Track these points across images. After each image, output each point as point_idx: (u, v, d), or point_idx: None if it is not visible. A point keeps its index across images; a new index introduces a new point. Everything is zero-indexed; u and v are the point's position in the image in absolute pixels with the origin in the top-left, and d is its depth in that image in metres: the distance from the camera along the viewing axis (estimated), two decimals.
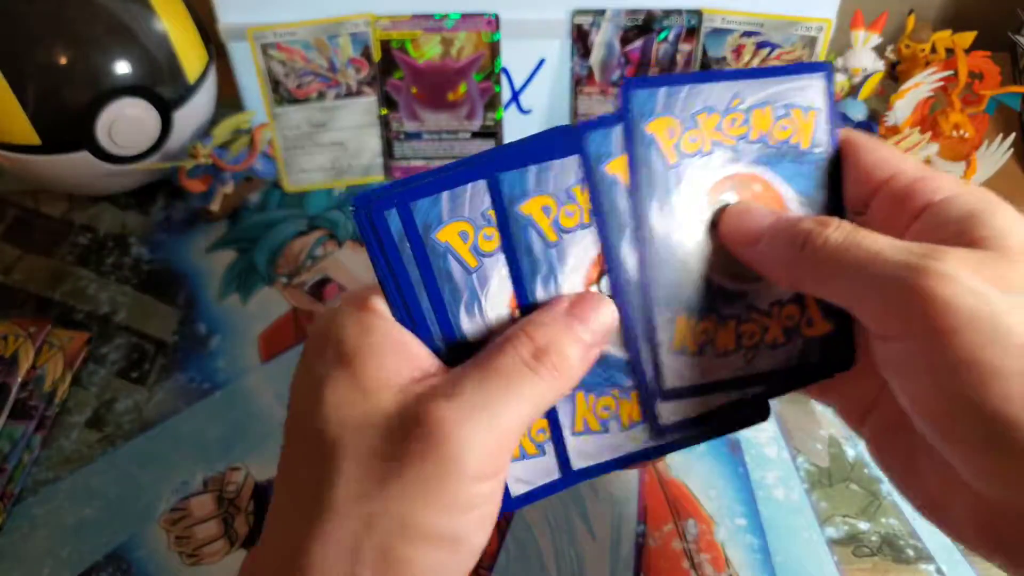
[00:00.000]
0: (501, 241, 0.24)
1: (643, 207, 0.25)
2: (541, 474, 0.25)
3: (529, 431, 0.25)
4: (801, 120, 0.26)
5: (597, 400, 0.25)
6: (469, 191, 0.24)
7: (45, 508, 0.43)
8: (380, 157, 0.60)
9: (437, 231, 0.24)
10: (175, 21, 0.54)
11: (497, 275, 0.24)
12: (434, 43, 0.56)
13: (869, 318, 0.23)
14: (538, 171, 0.24)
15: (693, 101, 0.25)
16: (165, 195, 0.60)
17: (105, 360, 0.50)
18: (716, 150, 0.26)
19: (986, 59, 0.58)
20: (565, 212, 0.25)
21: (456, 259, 0.24)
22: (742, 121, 0.26)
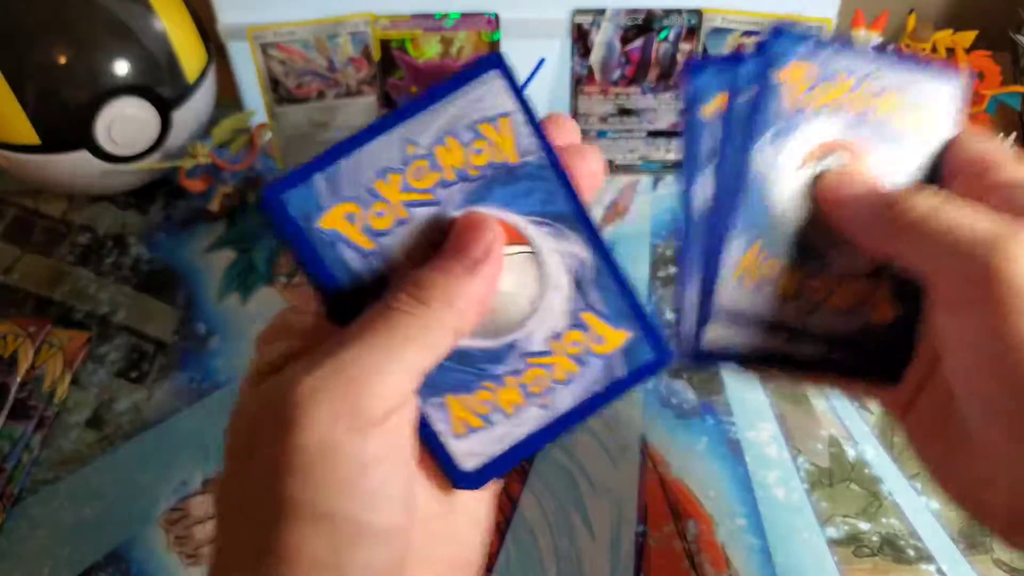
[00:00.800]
0: (306, 267, 0.22)
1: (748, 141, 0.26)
2: (491, 443, 0.23)
3: (472, 408, 0.23)
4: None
5: (471, 397, 0.23)
6: (345, 167, 0.22)
7: (45, 508, 0.43)
8: None
9: (319, 219, 0.22)
10: (174, 20, 0.54)
11: (399, 256, 0.22)
12: (434, 43, 0.56)
13: (939, 285, 0.23)
14: (325, 177, 0.22)
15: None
16: (165, 195, 0.60)
17: (104, 360, 0.50)
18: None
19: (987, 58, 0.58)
20: (375, 212, 0.22)
21: (348, 245, 0.22)
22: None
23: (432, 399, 0.23)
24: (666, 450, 0.45)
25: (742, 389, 0.47)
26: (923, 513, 0.42)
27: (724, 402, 0.47)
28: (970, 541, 0.41)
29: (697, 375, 0.48)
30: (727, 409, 0.47)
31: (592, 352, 0.24)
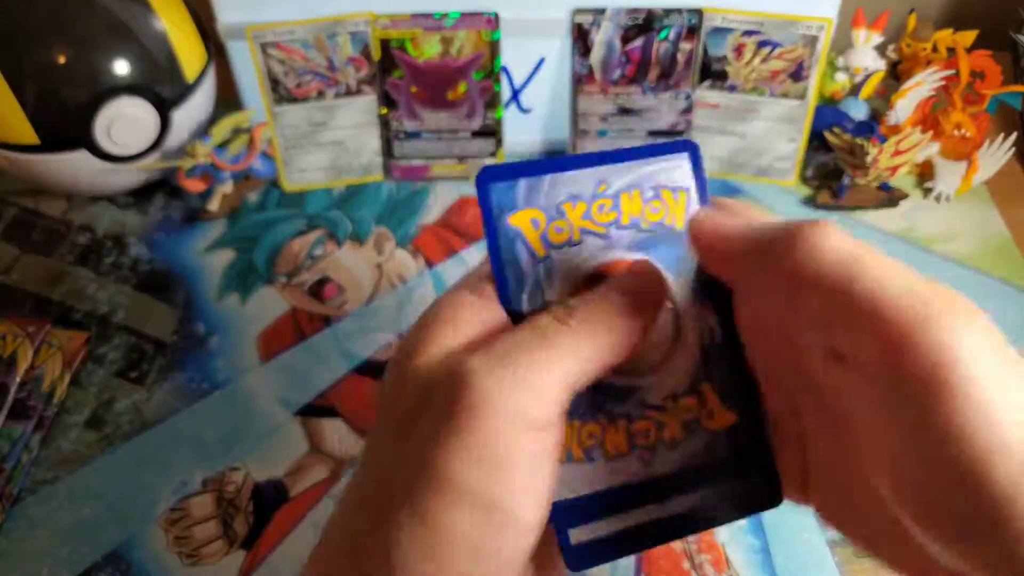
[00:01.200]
0: (492, 253, 0.24)
1: (515, 302, 0.24)
2: (586, 483, 0.24)
3: (579, 434, 0.24)
4: (671, 201, 0.25)
5: (583, 427, 0.24)
6: (547, 182, 0.25)
7: (44, 508, 0.43)
8: (379, 156, 0.60)
9: (511, 215, 0.24)
10: (174, 20, 0.54)
11: (563, 271, 0.25)
12: (434, 42, 0.56)
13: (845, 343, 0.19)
14: (528, 184, 0.24)
15: (557, 190, 0.25)
16: (164, 195, 0.60)
17: (104, 360, 0.50)
18: (587, 239, 0.25)
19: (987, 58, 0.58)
20: (555, 227, 0.25)
21: (525, 245, 0.24)
22: (611, 207, 0.25)
23: None
24: None
25: None
26: None
27: None
28: None
29: None
30: None
31: (700, 425, 0.25)
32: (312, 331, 0.51)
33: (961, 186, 0.57)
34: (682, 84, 0.57)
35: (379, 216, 0.58)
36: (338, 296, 0.53)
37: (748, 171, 0.60)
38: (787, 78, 0.56)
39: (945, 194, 0.58)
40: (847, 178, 0.57)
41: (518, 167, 0.25)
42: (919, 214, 0.57)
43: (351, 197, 0.59)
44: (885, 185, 0.58)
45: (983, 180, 0.58)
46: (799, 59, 0.55)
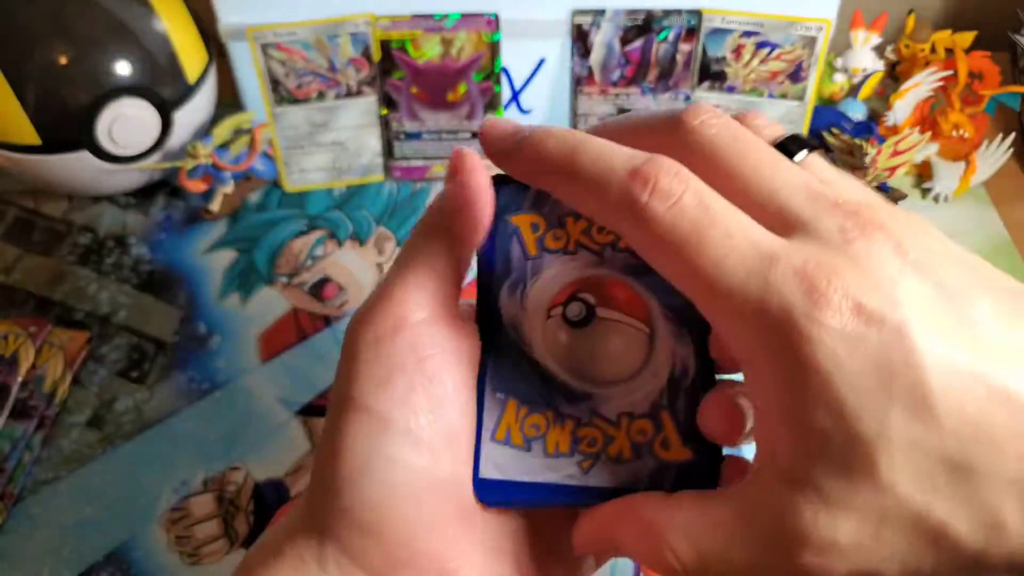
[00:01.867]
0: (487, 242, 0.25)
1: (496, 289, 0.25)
2: (517, 469, 0.24)
3: (522, 421, 0.25)
4: None
5: (529, 415, 0.25)
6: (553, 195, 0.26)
7: (45, 508, 0.43)
8: (380, 157, 0.60)
9: (513, 215, 0.26)
10: (175, 21, 0.54)
11: (550, 272, 0.25)
12: (434, 43, 0.56)
13: None
14: (537, 193, 0.25)
15: (562, 204, 0.25)
16: (165, 195, 0.60)
17: (105, 360, 0.50)
18: (581, 252, 0.26)
19: (986, 59, 0.58)
20: (553, 235, 0.26)
21: (520, 242, 0.25)
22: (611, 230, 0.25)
23: (497, 393, 0.25)
24: None
25: None
26: None
27: None
28: None
29: None
30: None
31: (652, 451, 0.24)
32: (313, 331, 0.51)
33: (959, 187, 0.58)
34: (681, 85, 0.57)
35: (380, 216, 0.58)
36: (338, 296, 0.53)
37: None
38: (786, 79, 0.56)
39: (943, 195, 0.58)
40: None
41: None
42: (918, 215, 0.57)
43: (352, 197, 0.59)
44: (884, 185, 0.58)
45: (981, 181, 0.58)
46: (798, 60, 0.55)
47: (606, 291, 0.25)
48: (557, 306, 0.25)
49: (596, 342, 0.25)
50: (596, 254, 0.26)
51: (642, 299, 0.25)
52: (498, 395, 0.25)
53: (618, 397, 0.25)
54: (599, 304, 0.25)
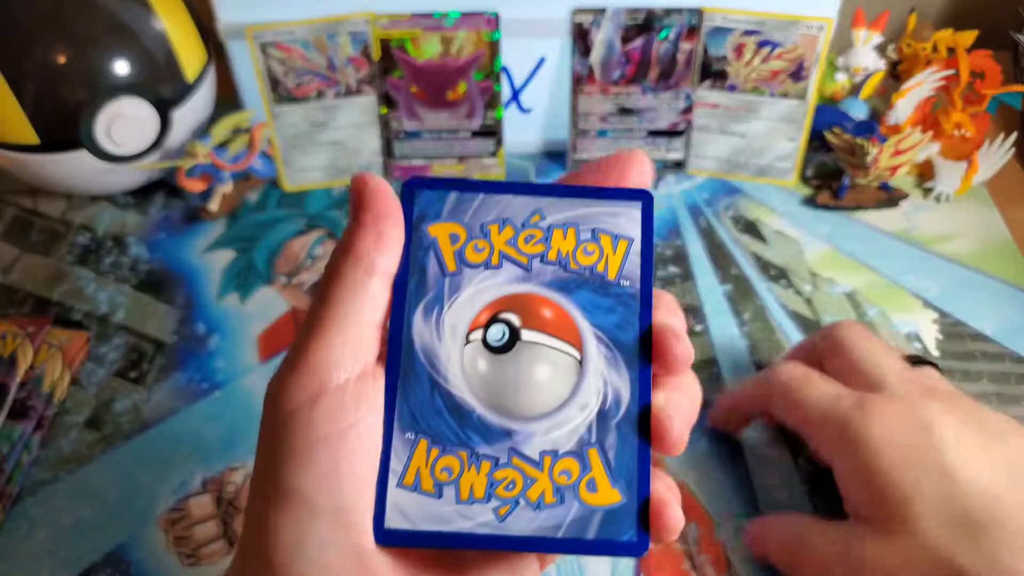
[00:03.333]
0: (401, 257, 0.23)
1: (408, 312, 0.23)
2: (426, 518, 0.22)
3: (433, 464, 0.22)
4: (609, 248, 0.24)
5: (441, 456, 0.22)
6: (478, 200, 0.24)
7: (44, 509, 0.43)
8: (379, 156, 0.60)
9: (430, 224, 0.23)
10: (174, 20, 0.54)
11: (470, 291, 0.23)
12: (434, 42, 0.56)
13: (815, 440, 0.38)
14: (457, 198, 0.24)
15: (487, 211, 0.23)
16: (164, 194, 0.60)
17: (104, 360, 0.50)
18: (506, 264, 0.23)
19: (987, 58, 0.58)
20: (475, 246, 0.23)
21: (437, 256, 0.23)
22: (540, 239, 0.23)
23: (406, 433, 0.22)
24: None
25: None
26: None
27: None
28: None
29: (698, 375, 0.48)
30: None
31: (577, 494, 0.22)
32: None
33: (961, 186, 0.57)
34: (682, 84, 0.57)
35: None
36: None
37: (748, 171, 0.60)
38: (787, 78, 0.56)
39: (945, 194, 0.58)
40: (847, 178, 0.57)
41: (452, 182, 0.24)
42: (919, 214, 0.57)
43: None
44: (885, 185, 0.58)
45: (983, 180, 0.58)
46: (799, 59, 0.55)
47: (532, 310, 0.23)
48: (476, 329, 0.23)
49: (519, 370, 0.23)
50: (523, 267, 0.23)
51: (572, 319, 0.23)
52: (407, 435, 0.22)
53: (542, 433, 0.22)
54: (524, 325, 0.23)
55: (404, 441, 0.22)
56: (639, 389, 0.23)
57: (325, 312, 0.22)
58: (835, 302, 0.52)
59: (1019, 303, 0.51)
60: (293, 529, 0.21)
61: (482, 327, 0.23)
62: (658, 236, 0.56)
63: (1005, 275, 0.53)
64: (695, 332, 0.50)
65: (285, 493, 0.21)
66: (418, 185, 0.24)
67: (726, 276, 0.54)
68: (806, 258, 0.55)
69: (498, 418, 0.23)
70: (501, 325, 0.23)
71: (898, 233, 0.56)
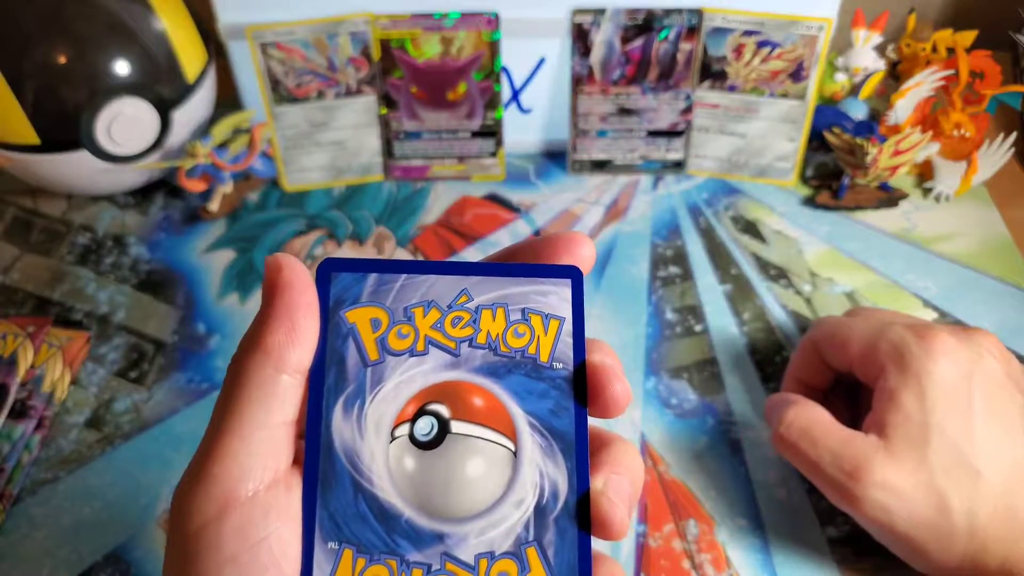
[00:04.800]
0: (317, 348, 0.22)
1: (326, 408, 0.21)
2: None
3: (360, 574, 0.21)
4: (540, 329, 0.23)
5: (368, 566, 0.21)
6: (400, 282, 0.22)
7: (44, 508, 0.43)
8: (379, 156, 0.60)
9: (348, 310, 0.22)
10: (174, 20, 0.54)
11: (395, 381, 0.22)
12: (434, 42, 0.56)
13: None
14: (378, 280, 0.22)
15: (410, 292, 0.22)
16: (164, 195, 0.60)
17: (104, 360, 0.50)
18: (432, 350, 0.22)
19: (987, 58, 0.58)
20: (398, 332, 0.22)
21: (357, 344, 0.22)
22: (468, 321, 0.22)
23: (330, 542, 0.21)
24: (666, 450, 0.45)
25: (743, 389, 0.47)
26: None
27: (724, 402, 0.47)
28: None
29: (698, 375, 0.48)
30: (727, 409, 0.46)
31: None
32: None
33: (961, 186, 0.57)
34: (682, 84, 0.57)
35: (379, 216, 0.58)
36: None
37: (748, 171, 0.60)
38: (787, 78, 0.56)
39: (945, 194, 0.58)
40: (847, 178, 0.57)
41: (371, 263, 0.22)
42: (919, 214, 0.57)
43: (351, 197, 0.59)
44: (885, 185, 0.58)
45: (983, 180, 0.58)
46: (799, 59, 0.55)
47: (462, 400, 0.22)
48: (403, 424, 0.22)
49: (450, 466, 0.21)
50: (451, 353, 0.22)
51: (505, 407, 0.22)
52: (330, 544, 0.21)
53: (476, 534, 0.21)
54: (454, 416, 0.22)
55: (327, 552, 0.21)
56: (577, 477, 0.22)
57: (230, 416, 0.20)
58: (835, 302, 0.52)
59: (1019, 303, 0.52)
60: None
61: (408, 421, 0.22)
62: (658, 236, 0.56)
63: (1004, 275, 0.53)
64: (695, 332, 0.50)
65: None
66: (335, 267, 0.22)
67: (726, 276, 0.54)
68: (806, 258, 0.55)
69: (429, 521, 0.21)
70: (429, 418, 0.22)
71: (898, 233, 0.56)
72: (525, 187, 0.60)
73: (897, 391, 0.37)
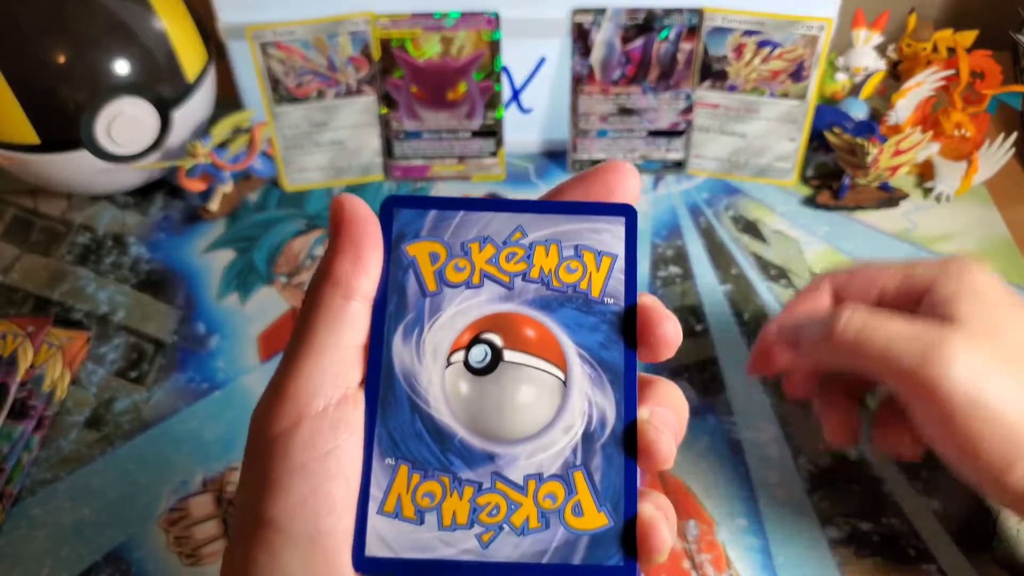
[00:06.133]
0: (381, 278, 0.23)
1: (388, 334, 0.23)
2: (408, 546, 0.21)
3: (415, 490, 0.22)
4: (592, 265, 0.23)
5: (423, 482, 0.22)
6: (458, 218, 0.23)
7: (44, 508, 0.43)
8: (379, 156, 0.60)
9: (409, 243, 0.23)
10: (174, 20, 0.54)
11: (451, 311, 0.23)
12: (434, 42, 0.56)
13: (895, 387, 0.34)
14: (436, 216, 0.23)
15: (467, 229, 0.23)
16: (164, 194, 0.60)
17: (104, 360, 0.50)
18: (487, 283, 0.23)
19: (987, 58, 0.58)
20: (455, 265, 0.23)
21: (416, 275, 0.23)
22: (522, 256, 0.23)
23: (387, 458, 0.22)
24: None
25: (743, 389, 0.47)
26: (923, 513, 0.42)
27: (725, 402, 0.47)
28: (970, 541, 0.41)
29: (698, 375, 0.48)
30: (728, 409, 0.46)
31: (563, 519, 0.22)
32: None
33: (961, 186, 0.57)
34: (682, 84, 0.57)
35: None
36: None
37: (748, 171, 0.60)
38: (787, 78, 0.56)
39: (945, 194, 0.58)
40: (847, 178, 0.57)
41: (431, 200, 0.23)
42: (919, 214, 0.57)
43: None
44: (885, 185, 0.58)
45: (983, 180, 0.58)
46: (799, 59, 0.55)
47: (515, 330, 0.23)
48: (458, 351, 0.23)
49: (502, 392, 0.23)
50: (504, 286, 0.23)
51: (556, 339, 0.23)
52: (387, 460, 0.22)
53: (525, 456, 0.22)
54: (507, 346, 0.23)
55: (384, 467, 0.22)
56: (624, 407, 0.23)
57: (305, 338, 0.22)
58: None
59: None
60: (269, 560, 0.20)
61: (464, 348, 0.23)
62: (658, 236, 0.56)
63: (1005, 275, 0.53)
64: (695, 332, 0.50)
65: (261, 523, 0.21)
66: (397, 204, 0.23)
67: (726, 276, 0.54)
68: (806, 258, 0.55)
69: (481, 442, 0.22)
70: (483, 346, 0.23)
71: (898, 233, 0.56)
72: (525, 187, 0.60)
73: (955, 296, 0.34)
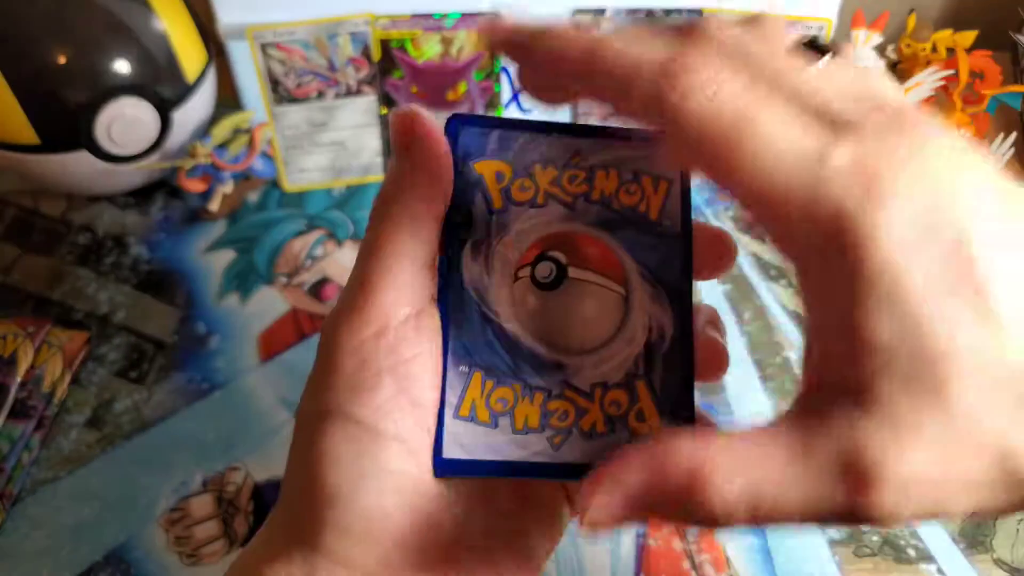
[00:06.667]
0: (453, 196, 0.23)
1: (457, 249, 0.23)
2: (483, 448, 0.23)
3: (488, 395, 0.23)
4: (650, 189, 0.24)
5: (495, 388, 0.23)
6: (521, 140, 0.24)
7: (44, 508, 0.43)
8: (380, 156, 0.60)
9: (476, 161, 0.24)
10: (174, 20, 0.54)
11: (517, 228, 0.24)
12: (434, 42, 0.56)
13: None
14: (500, 136, 0.24)
15: (529, 150, 0.24)
16: (164, 195, 0.60)
17: (104, 360, 0.50)
18: (551, 203, 0.24)
19: (987, 58, 0.58)
20: (520, 185, 0.24)
21: (483, 193, 0.24)
22: (583, 179, 0.24)
23: (460, 366, 0.23)
24: None
25: (743, 389, 0.47)
26: None
27: (725, 401, 0.47)
28: (970, 541, 0.41)
29: None
30: (728, 409, 0.47)
31: (627, 424, 0.23)
32: (312, 331, 0.51)
33: None
34: None
35: None
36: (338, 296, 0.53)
37: None
38: None
39: None
40: None
41: (494, 120, 0.24)
42: None
43: (351, 197, 0.59)
44: None
45: None
46: None
47: (578, 248, 0.24)
48: (525, 266, 0.24)
49: (568, 306, 0.24)
50: (567, 206, 0.24)
51: (617, 257, 0.24)
52: (461, 368, 0.23)
53: (591, 366, 0.23)
54: (571, 263, 0.24)
55: (459, 374, 0.23)
56: (681, 321, 0.24)
57: (380, 253, 0.22)
58: None
59: None
60: (354, 455, 0.21)
61: (530, 264, 0.24)
62: None
63: None
64: None
65: (347, 419, 0.21)
66: (462, 122, 0.24)
67: (726, 276, 0.54)
68: None
69: (549, 352, 0.23)
70: (549, 263, 0.24)
71: None
72: None
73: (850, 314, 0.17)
